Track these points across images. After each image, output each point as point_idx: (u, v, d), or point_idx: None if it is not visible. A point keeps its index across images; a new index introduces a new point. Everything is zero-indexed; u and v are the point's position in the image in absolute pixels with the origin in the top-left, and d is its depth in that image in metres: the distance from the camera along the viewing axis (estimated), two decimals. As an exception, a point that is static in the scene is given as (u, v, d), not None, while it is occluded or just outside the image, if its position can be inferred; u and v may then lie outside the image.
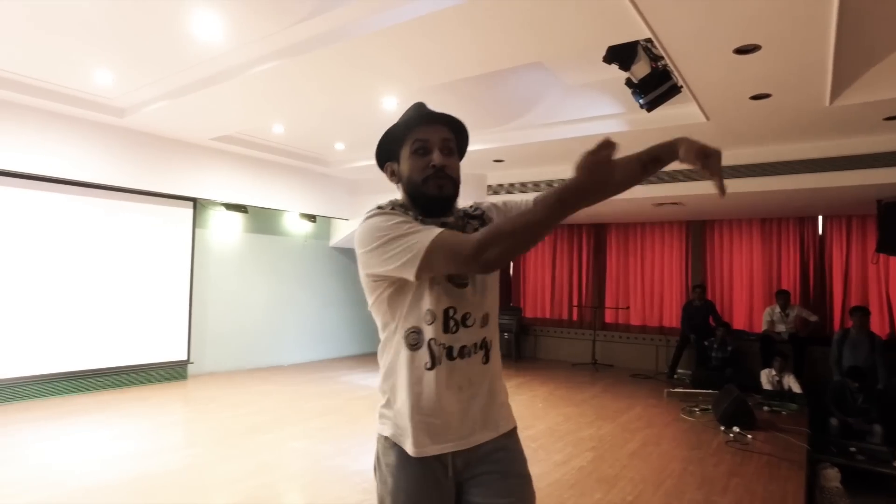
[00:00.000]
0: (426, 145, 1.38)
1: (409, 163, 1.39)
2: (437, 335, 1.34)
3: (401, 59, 4.02)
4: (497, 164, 7.32)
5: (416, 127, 1.40)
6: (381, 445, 1.42)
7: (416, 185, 1.37)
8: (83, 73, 4.78)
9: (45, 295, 5.65)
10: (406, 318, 1.36)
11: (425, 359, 1.34)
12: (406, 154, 1.40)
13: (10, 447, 4.16)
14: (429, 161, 1.36)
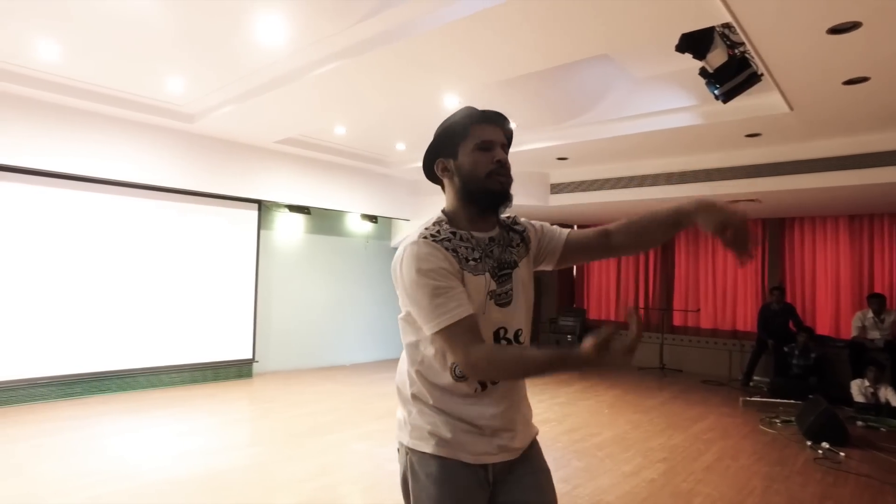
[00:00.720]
0: (490, 144, 1.40)
1: (471, 157, 1.40)
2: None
3: (462, 56, 3.93)
4: (560, 161, 7.12)
5: (478, 124, 1.42)
6: (414, 458, 1.40)
7: (480, 179, 1.38)
8: (156, 82, 4.95)
9: (124, 293, 5.92)
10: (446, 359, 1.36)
11: (475, 385, 1.37)
12: (468, 149, 1.41)
13: (91, 438, 4.35)
14: (493, 157, 1.39)
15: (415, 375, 1.41)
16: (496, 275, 1.39)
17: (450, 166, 1.43)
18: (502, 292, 1.39)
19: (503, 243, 1.45)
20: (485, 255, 1.40)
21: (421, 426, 1.39)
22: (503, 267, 1.42)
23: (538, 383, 7.14)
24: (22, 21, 3.87)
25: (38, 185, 5.39)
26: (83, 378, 5.65)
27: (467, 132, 1.41)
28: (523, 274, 1.46)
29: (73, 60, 4.53)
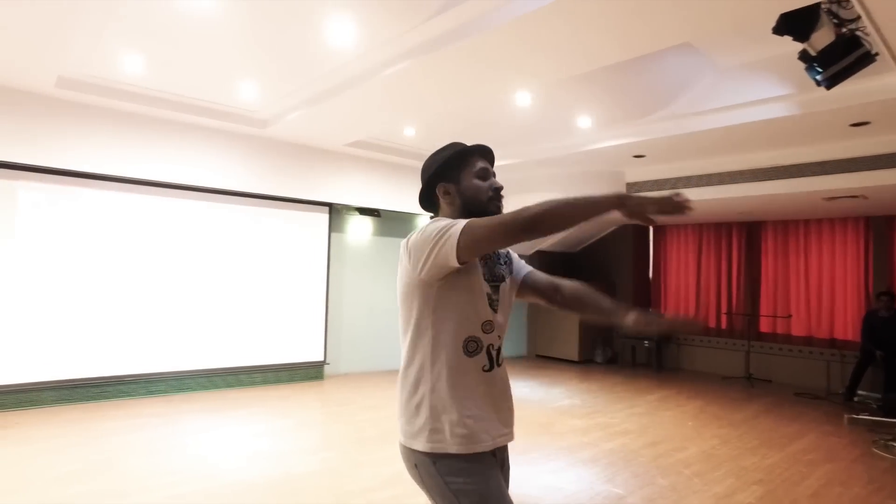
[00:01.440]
0: (486, 172, 1.64)
1: (472, 183, 1.61)
2: (494, 342, 1.57)
3: (534, 51, 3.76)
4: (637, 159, 6.78)
5: (475, 155, 1.65)
6: (440, 462, 1.49)
7: (482, 203, 1.61)
8: (232, 90, 5.08)
9: (203, 296, 6.13)
10: (463, 329, 1.53)
11: (483, 362, 1.54)
12: (468, 176, 1.62)
13: (174, 436, 4.49)
14: (491, 184, 1.63)
15: (425, 367, 1.53)
16: (490, 282, 1.60)
17: (451, 190, 1.63)
18: (495, 299, 1.60)
19: (493, 259, 1.66)
20: (483, 263, 1.60)
21: (439, 429, 1.49)
22: (495, 278, 1.63)
23: (613, 392, 6.83)
24: (110, 38, 4.04)
25: (127, 193, 5.66)
26: (167, 376, 5.88)
27: (467, 161, 1.63)
28: (509, 288, 1.68)
29: (155, 73, 4.71)
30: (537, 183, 7.84)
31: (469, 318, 1.53)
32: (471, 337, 1.53)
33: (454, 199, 1.62)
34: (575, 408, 5.99)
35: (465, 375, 1.51)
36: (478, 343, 1.54)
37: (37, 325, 5.18)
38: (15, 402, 5.10)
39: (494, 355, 1.57)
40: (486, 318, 1.55)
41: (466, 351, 1.52)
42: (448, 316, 1.52)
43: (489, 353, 1.55)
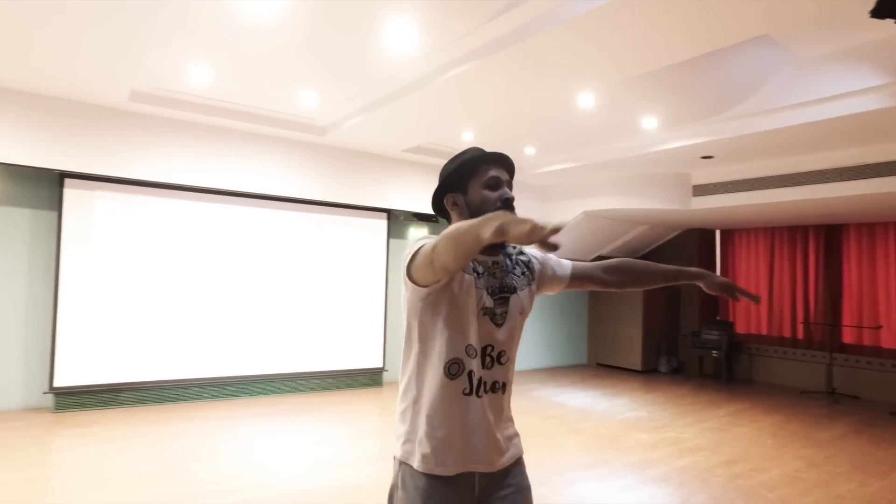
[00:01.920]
0: (497, 181, 1.54)
1: (479, 194, 1.53)
2: (477, 369, 1.48)
3: (599, 50, 3.60)
4: (705, 161, 6.45)
5: (487, 164, 1.55)
6: (405, 471, 1.50)
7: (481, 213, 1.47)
8: (292, 98, 5.13)
9: (265, 301, 6.24)
10: (447, 350, 1.47)
11: (463, 385, 1.48)
12: (476, 187, 1.54)
13: (238, 440, 4.57)
14: (501, 195, 1.53)
15: (412, 377, 1.52)
16: (495, 295, 1.51)
17: (459, 201, 1.56)
18: (499, 312, 1.51)
19: (506, 269, 1.58)
20: (488, 274, 1.53)
21: (411, 440, 1.49)
22: (503, 290, 1.54)
23: (681, 404, 6.51)
24: (178, 52, 4.15)
25: (194, 201, 5.85)
26: (231, 381, 6.01)
27: (476, 171, 1.54)
28: (524, 299, 1.58)
29: (220, 84, 4.81)
30: (597, 187, 7.61)
31: (454, 340, 1.47)
32: (454, 359, 1.48)
33: (462, 210, 1.55)
34: (641, 421, 5.73)
35: (444, 396, 1.47)
36: (460, 366, 1.48)
37: (113, 329, 5.39)
38: (95, 402, 5.32)
39: (476, 382, 1.49)
40: (469, 341, 1.48)
41: (448, 372, 1.47)
42: (433, 334, 1.48)
43: (470, 378, 1.48)
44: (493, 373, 1.51)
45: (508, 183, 1.57)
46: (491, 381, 1.51)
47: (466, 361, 1.47)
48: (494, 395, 1.51)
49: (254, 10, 3.47)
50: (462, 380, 1.47)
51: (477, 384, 1.48)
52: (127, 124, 5.28)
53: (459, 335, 1.47)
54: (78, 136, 5.06)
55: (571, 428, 5.39)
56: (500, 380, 1.53)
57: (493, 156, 1.57)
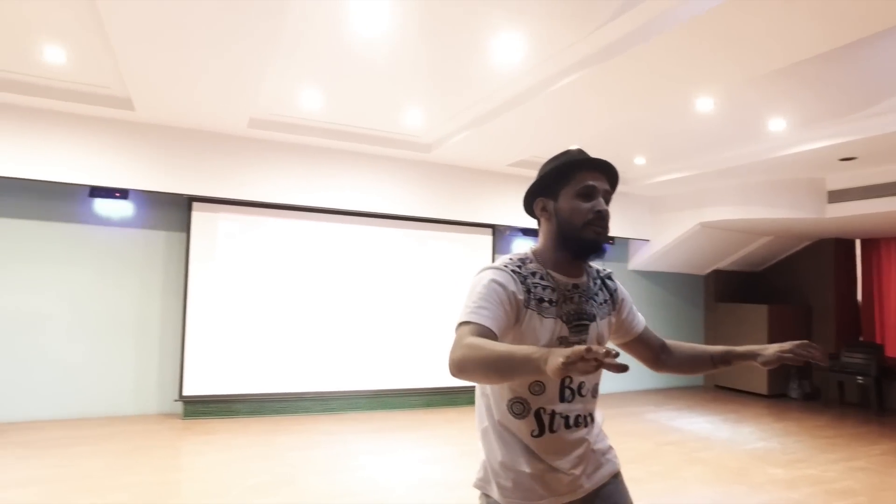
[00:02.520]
0: (592, 191, 1.39)
1: (570, 203, 1.40)
2: (548, 404, 1.36)
3: (720, 50, 3.31)
4: (843, 163, 5.79)
5: (584, 170, 1.41)
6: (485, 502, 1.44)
7: (575, 227, 1.39)
8: (398, 117, 5.22)
9: (372, 318, 6.37)
10: (508, 388, 1.37)
11: (532, 427, 1.36)
12: (569, 194, 1.40)
13: (347, 455, 4.64)
14: (594, 206, 1.38)
15: (484, 411, 1.45)
16: (571, 322, 1.39)
17: (549, 207, 1.44)
18: (576, 341, 1.37)
19: (587, 294, 1.45)
20: (564, 300, 1.40)
21: (488, 470, 1.42)
22: (581, 317, 1.41)
23: (820, 436, 5.82)
24: (292, 79, 4.35)
25: (306, 220, 6.10)
26: (340, 395, 6.17)
27: (571, 176, 1.40)
28: (602, 329, 1.46)
29: (330, 107, 4.99)
30: (715, 196, 7.07)
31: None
32: (517, 398, 1.37)
33: (551, 217, 1.44)
34: (772, 453, 5.17)
35: (513, 435, 1.39)
36: (524, 405, 1.37)
37: (233, 342, 5.73)
38: (218, 411, 5.66)
39: (547, 420, 1.37)
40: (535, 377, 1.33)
41: (512, 412, 1.38)
42: None
43: (539, 416, 1.36)
44: (573, 406, 1.40)
45: (607, 194, 1.43)
46: (573, 416, 1.40)
47: (531, 400, 1.36)
48: (576, 429, 1.41)
49: (362, 31, 3.53)
50: (529, 421, 1.37)
51: (549, 422, 1.37)
52: (246, 149, 5.62)
53: None
54: (204, 162, 5.46)
55: (692, 457, 4.97)
56: (583, 413, 1.42)
57: (593, 161, 1.42)
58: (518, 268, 1.38)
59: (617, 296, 1.54)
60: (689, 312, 9.02)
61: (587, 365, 0.93)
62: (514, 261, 1.41)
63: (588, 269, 1.50)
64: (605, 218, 1.39)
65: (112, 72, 4.34)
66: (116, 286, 5.59)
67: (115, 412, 5.52)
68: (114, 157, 5.16)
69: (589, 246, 1.39)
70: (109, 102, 4.90)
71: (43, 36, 3.79)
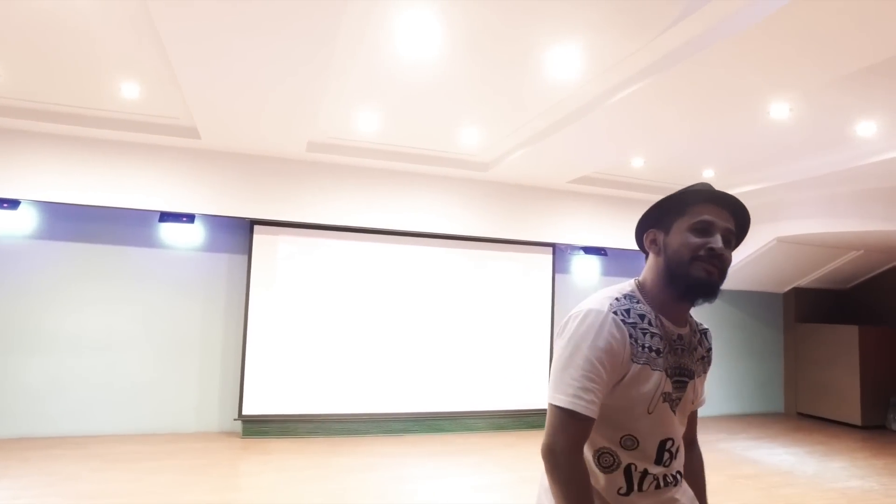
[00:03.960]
0: (710, 227, 1.25)
1: (681, 237, 1.26)
2: (641, 462, 1.23)
3: (801, 47, 3.03)
4: (945, 169, 5.23)
5: (703, 203, 1.27)
6: None
7: (683, 263, 1.24)
8: (454, 137, 5.16)
9: (431, 340, 6.28)
10: (598, 436, 1.23)
11: (619, 484, 1.23)
12: (682, 227, 1.27)
13: (402, 480, 4.54)
14: (706, 242, 1.23)
15: None
16: (674, 376, 1.26)
17: (659, 240, 1.32)
18: (675, 398, 1.26)
19: (688, 347, 1.32)
20: (669, 351, 1.26)
21: None
22: (683, 372, 1.28)
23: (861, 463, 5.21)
24: (348, 102, 4.39)
25: (366, 241, 6.13)
26: (397, 417, 6.10)
27: (687, 209, 1.27)
28: (698, 388, 1.34)
29: (386, 129, 5.00)
30: (794, 208, 6.59)
31: (608, 425, 1.22)
32: (604, 448, 1.23)
33: (660, 250, 1.31)
34: (872, 495, 4.65)
35: (598, 490, 1.23)
36: (613, 458, 1.23)
37: (291, 363, 5.78)
38: (276, 431, 5.72)
39: (638, 479, 1.22)
40: (629, 431, 1.22)
41: (599, 464, 1.24)
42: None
43: (628, 473, 1.22)
44: (662, 469, 1.25)
45: (728, 233, 1.26)
46: (663, 476, 1.25)
47: (621, 454, 1.23)
48: (667, 490, 1.26)
49: (412, 51, 3.51)
50: (617, 476, 1.22)
51: (640, 480, 1.23)
52: (305, 173, 5.72)
53: (617, 421, 1.22)
54: (265, 186, 5.59)
55: (772, 494, 4.55)
56: (670, 473, 1.27)
57: (715, 195, 1.27)
58: (626, 314, 1.24)
59: (711, 356, 1.42)
60: (767, 334, 8.41)
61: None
62: (620, 301, 1.26)
63: (691, 321, 1.38)
64: (720, 257, 1.22)
65: (180, 103, 4.54)
66: (182, 307, 5.79)
67: (179, 429, 5.68)
68: (181, 184, 5.37)
69: (697, 285, 1.23)
70: (178, 132, 5.12)
71: (120, 73, 4.01)
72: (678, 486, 1.30)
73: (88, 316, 5.50)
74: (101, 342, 5.52)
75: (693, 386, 1.31)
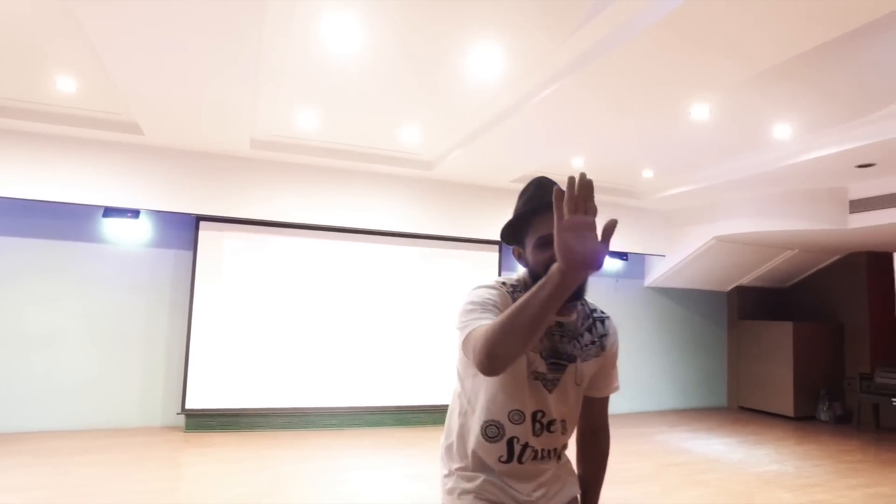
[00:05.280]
0: (551, 239, 1.16)
1: (533, 255, 1.33)
2: (523, 436, 1.35)
3: (702, 48, 3.18)
4: (863, 170, 5.51)
5: (539, 216, 1.31)
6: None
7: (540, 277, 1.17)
8: (394, 134, 5.26)
9: (373, 335, 6.39)
10: (487, 410, 1.36)
11: (501, 453, 1.36)
12: (531, 243, 1.33)
13: (336, 470, 4.63)
14: (551, 256, 1.14)
15: (455, 430, 1.43)
16: (548, 359, 1.34)
17: (522, 255, 1.40)
18: (551, 379, 1.35)
19: (570, 334, 1.39)
20: (545, 336, 1.35)
21: (454, 486, 1.41)
22: (558, 356, 1.36)
23: (844, 461, 5.49)
24: (285, 99, 4.48)
25: (310, 238, 6.21)
26: (340, 411, 6.19)
27: (531, 225, 1.34)
28: (583, 371, 1.40)
29: (327, 126, 5.10)
30: (730, 208, 6.86)
31: (497, 401, 1.35)
32: (492, 421, 1.35)
33: (526, 263, 1.39)
34: (785, 476, 4.90)
35: (481, 455, 1.38)
36: (499, 429, 1.36)
37: (235, 358, 5.84)
38: (219, 425, 5.76)
39: (519, 450, 1.35)
40: (516, 406, 1.34)
41: (485, 434, 1.37)
42: (478, 389, 1.38)
43: (510, 445, 1.35)
44: (542, 440, 1.37)
45: None
46: (540, 449, 1.38)
47: (507, 427, 1.34)
48: (542, 462, 1.39)
49: (339, 49, 3.61)
50: (500, 446, 1.36)
51: (521, 452, 1.35)
52: (250, 170, 5.80)
53: (504, 397, 1.34)
54: (211, 183, 5.65)
55: (694, 479, 4.76)
56: (550, 447, 1.40)
57: (543, 204, 1.28)
58: (510, 290, 1.36)
59: (606, 342, 1.46)
60: (712, 331, 8.70)
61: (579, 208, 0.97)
62: (506, 285, 1.37)
63: (580, 309, 1.44)
64: None
65: (120, 99, 4.58)
66: (127, 302, 5.80)
67: (122, 424, 5.69)
68: (126, 179, 5.40)
69: None
70: (120, 127, 5.16)
71: (55, 67, 4.05)
72: (560, 461, 1.43)
73: (28, 311, 5.49)
74: (42, 338, 5.50)
75: (575, 369, 1.37)
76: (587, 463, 1.54)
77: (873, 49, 3.59)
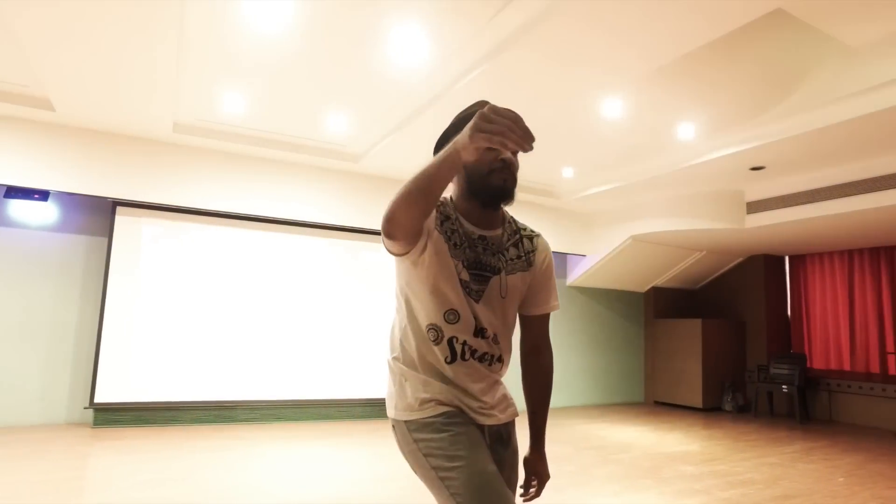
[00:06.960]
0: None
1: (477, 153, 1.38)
2: (461, 335, 1.43)
3: (612, 37, 3.41)
4: (756, 172, 5.99)
5: None
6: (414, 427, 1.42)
7: (482, 175, 1.41)
8: (320, 124, 5.24)
9: (298, 327, 6.30)
10: (426, 315, 1.43)
11: (445, 353, 1.43)
12: None
13: (255, 457, 4.52)
14: (497, 155, 1.39)
15: (398, 342, 1.50)
16: (471, 269, 1.42)
17: None
18: (475, 289, 1.43)
19: (494, 248, 1.47)
20: (466, 247, 1.43)
21: (411, 396, 1.44)
22: (481, 267, 1.44)
23: (742, 440, 5.90)
24: (209, 81, 4.40)
25: (233, 227, 6.08)
26: (263, 405, 6.04)
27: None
28: (509, 283, 1.47)
29: (252, 113, 5.03)
30: (644, 209, 7.29)
31: (433, 305, 1.42)
32: (432, 325, 1.43)
33: (460, 173, 1.46)
34: (690, 454, 5.21)
35: (429, 360, 1.45)
36: (438, 332, 1.43)
37: (150, 350, 5.59)
38: (131, 420, 5.49)
39: (460, 349, 1.43)
40: (450, 306, 1.41)
41: (430, 339, 1.44)
42: (416, 295, 1.44)
43: (451, 345, 1.42)
44: (479, 343, 1.44)
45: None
46: (481, 351, 1.45)
47: (445, 328, 1.41)
48: (482, 365, 1.46)
49: (263, 28, 3.61)
50: (443, 347, 1.42)
51: (462, 350, 1.42)
52: (172, 154, 5.62)
53: (438, 300, 1.40)
54: (129, 166, 5.43)
55: (608, 458, 4.98)
56: (488, 352, 1.46)
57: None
58: (441, 205, 1.46)
59: (534, 258, 1.53)
60: (630, 329, 9.13)
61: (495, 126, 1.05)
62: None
63: (505, 225, 1.52)
64: (511, 166, 1.40)
65: (27, 68, 4.35)
66: (30, 291, 5.45)
67: (20, 422, 5.31)
68: (33, 158, 5.11)
69: (496, 193, 1.42)
70: (28, 102, 4.88)
71: (-55, 25, 3.80)
72: (496, 368, 1.49)
73: (-84, 298, 5.06)
74: (-69, 326, 5.08)
75: (500, 281, 1.45)
76: (531, 377, 1.60)
77: (758, 51, 3.95)
